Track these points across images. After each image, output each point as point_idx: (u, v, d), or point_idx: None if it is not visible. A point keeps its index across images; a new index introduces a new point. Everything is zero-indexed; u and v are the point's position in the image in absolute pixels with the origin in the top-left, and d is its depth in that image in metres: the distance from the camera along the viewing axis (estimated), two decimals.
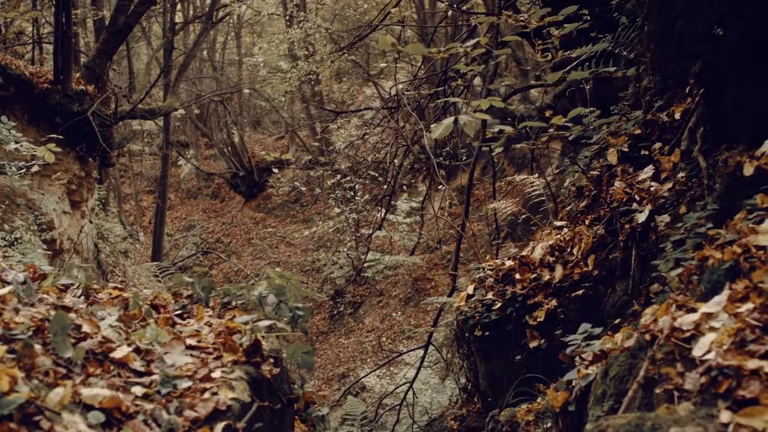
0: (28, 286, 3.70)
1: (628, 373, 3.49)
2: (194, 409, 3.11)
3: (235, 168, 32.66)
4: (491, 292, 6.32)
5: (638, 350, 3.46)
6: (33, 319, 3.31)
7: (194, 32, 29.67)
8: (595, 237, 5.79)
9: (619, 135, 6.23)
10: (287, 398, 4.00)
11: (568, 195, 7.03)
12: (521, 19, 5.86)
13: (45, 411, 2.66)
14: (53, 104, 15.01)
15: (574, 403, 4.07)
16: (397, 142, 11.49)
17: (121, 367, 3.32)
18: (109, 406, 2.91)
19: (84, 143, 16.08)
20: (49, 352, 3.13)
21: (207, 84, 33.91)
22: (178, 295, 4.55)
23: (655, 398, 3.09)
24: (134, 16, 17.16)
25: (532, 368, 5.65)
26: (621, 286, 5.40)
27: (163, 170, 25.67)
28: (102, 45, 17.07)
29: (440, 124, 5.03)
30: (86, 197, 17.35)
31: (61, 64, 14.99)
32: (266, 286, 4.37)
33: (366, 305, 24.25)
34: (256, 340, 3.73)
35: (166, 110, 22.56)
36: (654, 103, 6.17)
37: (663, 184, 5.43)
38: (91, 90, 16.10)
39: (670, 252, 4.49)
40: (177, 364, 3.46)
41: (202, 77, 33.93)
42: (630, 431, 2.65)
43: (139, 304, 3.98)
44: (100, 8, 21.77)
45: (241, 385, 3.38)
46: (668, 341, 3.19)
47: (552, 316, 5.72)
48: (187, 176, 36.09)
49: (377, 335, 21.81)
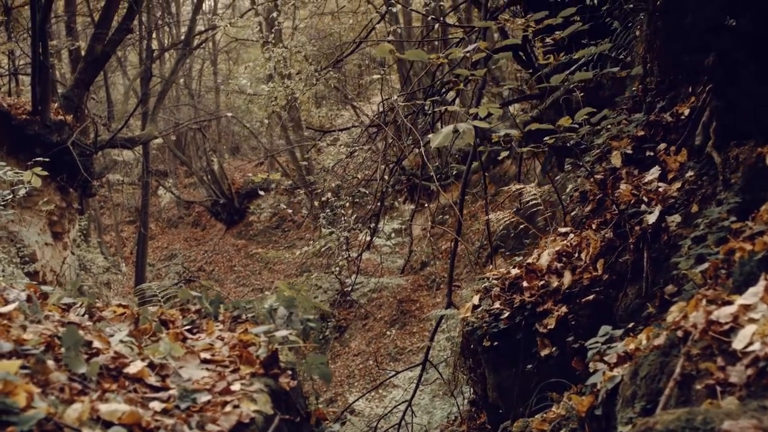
0: (34, 303, 3.56)
1: (660, 372, 3.37)
2: (216, 423, 2.97)
3: (216, 195, 32.50)
4: (498, 301, 6.20)
5: (670, 348, 3.35)
6: (42, 335, 3.17)
7: (171, 60, 29.61)
8: (603, 241, 5.68)
9: (621, 137, 6.15)
10: (304, 411, 3.86)
11: (572, 200, 6.94)
12: (518, 23, 5.79)
13: (64, 428, 2.52)
14: (32, 135, 14.87)
15: (600, 406, 3.95)
16: (384, 159, 11.39)
17: (136, 382, 3.18)
18: (128, 422, 2.77)
19: (65, 173, 15.93)
20: (62, 367, 2.99)
21: (185, 112, 33.78)
22: (186, 310, 4.42)
23: (694, 395, 2.99)
24: (111, 44, 17.05)
25: (543, 377, 5.52)
26: (633, 289, 5.30)
27: (143, 198, 25.51)
28: (80, 74, 16.94)
29: (439, 133, 4.91)
30: (68, 228, 17.17)
31: (39, 95, 14.88)
32: (276, 298, 4.24)
33: (351, 329, 24.09)
34: (274, 351, 3.60)
35: (146, 138, 22.44)
36: (656, 104, 6.10)
37: (671, 184, 5.34)
38: (70, 120, 15.97)
39: (689, 249, 4.40)
40: (193, 378, 3.32)
41: (180, 105, 33.82)
42: (680, 426, 2.53)
43: (149, 318, 3.83)
44: (76, 39, 21.66)
45: (262, 398, 3.25)
46: (704, 336, 3.08)
47: (563, 323, 5.60)
48: (168, 205, 35.90)
49: (365, 358, 21.65)
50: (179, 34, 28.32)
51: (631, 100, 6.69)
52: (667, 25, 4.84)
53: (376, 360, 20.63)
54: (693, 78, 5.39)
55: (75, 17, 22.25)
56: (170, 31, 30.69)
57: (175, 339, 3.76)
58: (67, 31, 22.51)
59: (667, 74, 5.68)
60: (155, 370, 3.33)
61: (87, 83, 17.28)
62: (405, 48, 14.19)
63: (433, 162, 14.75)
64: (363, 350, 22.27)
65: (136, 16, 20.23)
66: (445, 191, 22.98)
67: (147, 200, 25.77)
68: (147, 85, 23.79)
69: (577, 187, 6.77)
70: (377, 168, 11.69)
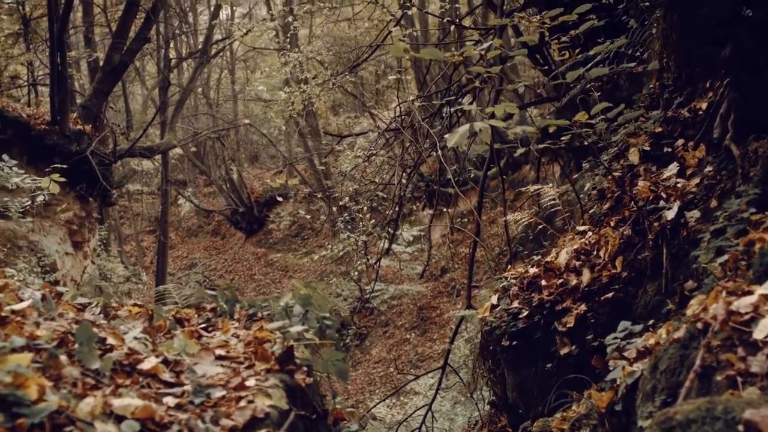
0: (48, 301, 3.55)
1: (680, 365, 3.33)
2: (231, 417, 2.95)
3: (235, 204, 32.55)
4: (517, 300, 6.15)
5: (690, 340, 3.30)
6: (56, 331, 3.15)
7: (188, 70, 29.72)
8: (621, 238, 5.63)
9: (639, 134, 6.10)
10: (321, 409, 3.83)
11: (590, 199, 6.89)
12: (534, 20, 5.75)
13: (76, 421, 2.50)
14: (51, 145, 14.92)
15: (620, 402, 3.90)
16: (402, 163, 11.35)
17: (150, 378, 3.16)
18: (141, 416, 2.75)
19: (84, 183, 15.96)
20: (76, 363, 2.98)
21: (203, 121, 33.89)
22: (201, 309, 4.40)
23: (715, 386, 2.95)
24: (129, 54, 17.12)
25: (563, 376, 5.47)
26: (652, 286, 5.24)
27: (163, 207, 25.56)
28: (98, 84, 17.01)
29: (455, 132, 4.88)
30: (88, 238, 17.21)
31: (57, 105, 14.94)
32: (292, 296, 4.21)
33: (372, 336, 24.08)
34: (289, 347, 3.57)
35: (165, 147, 22.49)
36: (674, 100, 6.04)
37: (690, 180, 5.29)
38: (89, 129, 16.02)
39: (709, 242, 4.35)
40: (208, 374, 3.30)
41: (198, 114, 33.93)
42: (700, 416, 2.48)
43: (163, 316, 3.82)
44: (94, 49, 21.76)
45: (278, 393, 3.22)
46: (725, 327, 3.04)
47: (582, 321, 5.54)
48: (187, 215, 35.99)
49: (386, 365, 21.62)
50: (197, 44, 28.43)
51: (648, 97, 6.64)
52: (683, 17, 4.80)
53: (397, 367, 20.59)
54: (709, 71, 5.34)
55: (93, 28, 22.36)
56: (188, 40, 30.83)
57: (190, 337, 3.74)
58: (85, 41, 22.63)
59: (683, 68, 5.62)
60: (169, 366, 3.31)
61: (105, 93, 17.35)
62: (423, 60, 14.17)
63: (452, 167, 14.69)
64: (384, 357, 22.26)
65: (153, 26, 20.29)
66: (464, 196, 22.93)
67: (166, 209, 25.82)
68: (165, 94, 23.88)
69: (595, 185, 6.71)
70: (395, 172, 11.65)
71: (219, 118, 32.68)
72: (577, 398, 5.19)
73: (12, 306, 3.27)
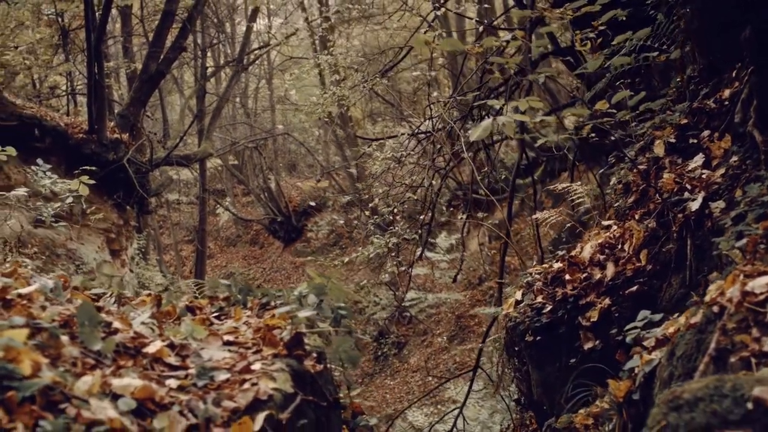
0: (57, 287, 3.54)
1: (697, 351, 3.26)
2: (233, 399, 2.92)
3: (273, 213, 32.65)
4: (540, 295, 6.07)
5: (706, 324, 3.23)
6: (61, 314, 3.15)
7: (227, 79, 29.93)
8: (646, 231, 5.54)
9: (664, 127, 6.01)
10: (333, 398, 3.78)
11: (615, 193, 6.80)
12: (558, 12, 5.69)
13: (72, 398, 2.48)
14: (89, 153, 15.04)
15: (638, 391, 3.83)
16: (433, 165, 11.28)
17: (155, 361, 3.14)
18: (141, 396, 2.73)
19: (121, 191, 16.08)
20: (77, 344, 2.96)
21: (241, 131, 34.07)
22: (214, 298, 4.38)
23: (730, 368, 2.88)
24: (165, 62, 17.24)
25: (587, 371, 5.38)
26: (677, 279, 5.15)
27: (201, 215, 25.71)
28: (135, 93, 17.15)
29: (478, 126, 4.83)
30: (125, 246, 17.33)
31: (95, 114, 15.06)
32: (306, 285, 4.18)
33: (410, 345, 24.01)
34: (297, 332, 3.54)
35: (201, 155, 22.62)
36: (700, 91, 5.95)
37: (715, 171, 5.19)
38: (126, 138, 16.14)
39: (729, 228, 4.27)
40: (214, 358, 3.28)
41: (236, 123, 34.11)
42: (708, 394, 2.42)
43: (172, 302, 3.80)
44: (132, 60, 21.96)
45: (282, 376, 3.18)
46: (740, 308, 2.97)
47: (606, 316, 5.46)
48: (226, 224, 36.16)
49: (423, 375, 21.54)
50: (234, 53, 28.60)
51: (675, 90, 6.54)
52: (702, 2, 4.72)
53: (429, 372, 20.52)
54: (731, 57, 5.24)
55: (131, 38, 22.58)
56: (224, 50, 31.03)
57: (201, 324, 3.72)
58: (123, 51, 22.86)
59: (705, 56, 5.53)
60: (175, 350, 3.30)
61: (142, 102, 17.47)
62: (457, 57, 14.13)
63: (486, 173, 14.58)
64: (422, 366, 22.17)
65: (189, 35, 20.44)
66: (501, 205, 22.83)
67: (204, 217, 25.96)
68: (202, 103, 24.03)
69: (621, 179, 6.63)
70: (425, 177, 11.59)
71: (257, 128, 32.83)
72: (601, 393, 5.11)
73: (19, 290, 3.27)
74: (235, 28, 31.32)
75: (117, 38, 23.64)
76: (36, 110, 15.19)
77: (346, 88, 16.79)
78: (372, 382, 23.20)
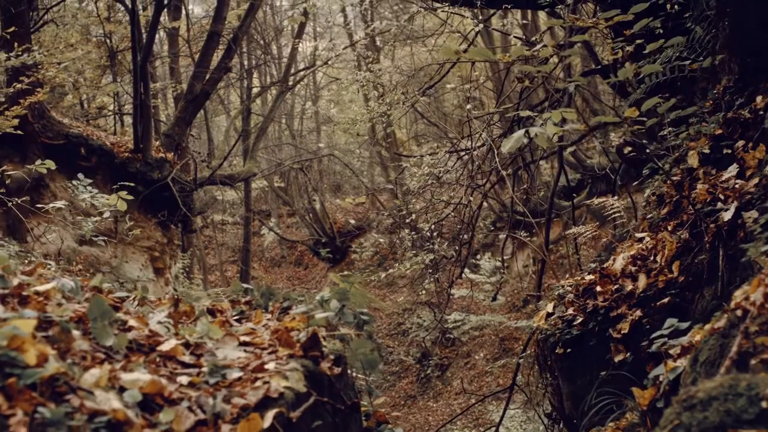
0: (76, 285, 3.56)
1: (720, 356, 3.19)
2: (244, 396, 2.90)
3: (318, 234, 32.75)
4: (572, 307, 6.00)
5: (730, 329, 3.17)
6: (76, 312, 3.15)
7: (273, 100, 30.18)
8: (679, 242, 5.45)
9: (699, 138, 5.93)
10: (351, 402, 3.75)
11: (649, 205, 6.72)
12: (590, 22, 5.64)
13: (77, 390, 2.48)
14: (134, 172, 15.20)
15: (662, 398, 3.75)
16: (473, 183, 11.24)
17: (168, 359, 3.13)
18: (150, 391, 2.72)
19: (165, 210, 16.22)
20: (89, 339, 2.97)
21: (287, 152, 34.27)
22: (236, 302, 4.38)
23: (751, 371, 2.81)
24: (211, 83, 17.41)
25: (617, 384, 5.29)
26: (709, 291, 5.05)
27: (245, 234, 25.90)
28: (180, 113, 17.33)
29: (510, 138, 4.80)
30: (169, 264, 17.46)
31: (140, 133, 15.24)
32: (329, 290, 4.16)
33: (453, 367, 23.89)
34: (314, 333, 3.51)
35: (245, 175, 22.79)
36: (735, 101, 5.87)
37: (749, 181, 5.10)
38: (171, 157, 16.30)
39: (759, 235, 4.18)
40: (229, 357, 3.26)
41: (282, 144, 34.33)
42: (722, 393, 2.37)
43: (191, 302, 3.80)
44: (179, 81, 22.23)
45: (295, 375, 3.15)
46: (762, 310, 2.90)
47: (637, 328, 5.36)
48: (270, 245, 36.30)
49: (466, 397, 21.40)
50: (280, 74, 28.86)
51: (712, 101, 6.45)
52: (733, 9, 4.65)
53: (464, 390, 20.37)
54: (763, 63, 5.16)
55: (178, 59, 22.86)
56: (269, 71, 31.28)
57: (221, 325, 3.72)
58: (170, 72, 23.14)
59: (738, 64, 5.45)
60: (190, 349, 3.29)
61: (187, 121, 17.65)
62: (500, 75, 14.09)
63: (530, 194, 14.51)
64: (465, 388, 22.03)
65: (235, 56, 20.62)
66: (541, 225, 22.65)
67: (249, 235, 26.14)
68: (247, 122, 24.23)
69: (654, 191, 6.54)
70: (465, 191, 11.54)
71: (302, 149, 33.01)
72: (631, 407, 5.02)
73: (36, 287, 3.28)
74: (281, 50, 31.58)
75: (164, 59, 23.95)
76: (82, 129, 15.41)
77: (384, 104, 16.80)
78: (414, 403, 23.12)
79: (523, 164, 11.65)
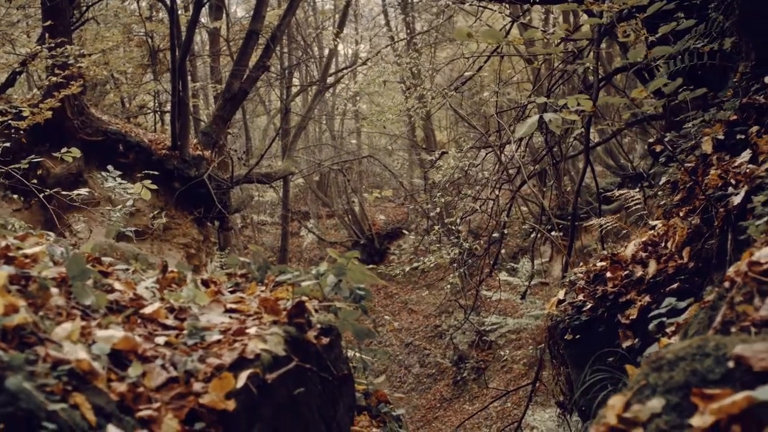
0: (66, 252, 3.59)
1: (707, 327, 3.15)
2: (219, 357, 2.90)
3: (356, 236, 32.75)
4: (582, 293, 5.95)
5: (718, 300, 3.13)
6: (60, 273, 3.17)
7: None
8: (690, 228, 5.39)
9: (713, 124, 5.86)
10: (341, 374, 3.74)
11: (663, 192, 6.64)
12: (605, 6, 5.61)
13: (45, 341, 2.50)
14: (171, 169, 15.33)
15: None
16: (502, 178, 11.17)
17: (149, 321, 3.15)
18: (123, 347, 2.73)
19: (201, 207, 16.32)
20: (69, 297, 2.99)
21: (326, 152, 34.35)
22: (233, 275, 4.40)
23: None
24: (249, 81, 17.49)
25: (625, 369, 5.23)
26: (718, 276, 4.97)
27: (283, 232, 25.98)
28: (218, 111, 17.44)
29: (524, 123, 4.79)
30: (205, 261, 17.56)
31: (178, 130, 15.35)
32: (326, 266, 4.16)
33: (490, 370, 23.77)
34: (300, 302, 3.51)
35: (282, 173, 22.84)
36: (750, 87, 5.79)
37: (760, 166, 5.03)
38: (208, 155, 16.40)
39: (759, 211, 4.13)
40: (212, 322, 3.27)
41: (322, 145, 34.41)
42: (690, 353, 2.34)
43: (177, 269, 3.82)
44: (219, 80, 22.39)
45: (275, 339, 3.15)
46: (746, 279, 2.86)
47: (645, 313, 5.31)
48: (309, 246, 36.31)
49: (503, 401, 21.26)
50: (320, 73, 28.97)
51: (732, 90, 6.37)
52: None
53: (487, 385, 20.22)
54: None
55: (218, 58, 23.02)
56: (308, 70, 31.38)
57: (213, 296, 3.73)
58: (210, 71, 23.32)
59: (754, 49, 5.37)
60: (174, 313, 3.31)
61: (225, 119, 17.74)
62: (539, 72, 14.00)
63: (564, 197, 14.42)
64: (501, 391, 21.91)
65: (274, 55, 20.71)
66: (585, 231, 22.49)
67: (287, 234, 26.23)
68: (285, 121, 24.32)
69: (669, 178, 6.47)
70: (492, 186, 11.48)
71: (341, 150, 33.06)
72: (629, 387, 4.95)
73: (25, 251, 3.31)
74: (322, 50, 31.66)
75: (205, 59, 24.15)
76: (121, 126, 15.58)
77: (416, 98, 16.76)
78: (450, 407, 23.05)
79: (552, 162, 11.56)
